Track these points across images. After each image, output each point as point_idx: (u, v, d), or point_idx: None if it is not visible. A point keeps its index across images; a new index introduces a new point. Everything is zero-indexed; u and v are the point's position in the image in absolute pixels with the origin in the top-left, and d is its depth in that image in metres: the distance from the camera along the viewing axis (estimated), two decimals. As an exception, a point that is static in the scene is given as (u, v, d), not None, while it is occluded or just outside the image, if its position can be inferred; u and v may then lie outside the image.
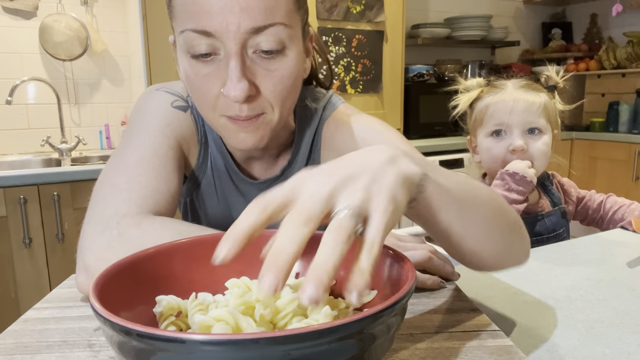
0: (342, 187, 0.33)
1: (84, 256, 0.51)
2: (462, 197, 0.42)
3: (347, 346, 0.29)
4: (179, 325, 0.39)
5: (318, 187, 0.33)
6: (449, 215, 0.42)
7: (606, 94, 3.00)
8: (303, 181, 0.34)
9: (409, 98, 2.58)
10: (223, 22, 0.51)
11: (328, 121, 0.72)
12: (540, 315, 0.59)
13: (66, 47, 2.23)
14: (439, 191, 0.40)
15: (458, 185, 0.42)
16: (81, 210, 1.71)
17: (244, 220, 0.32)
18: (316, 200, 0.32)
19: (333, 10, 2.25)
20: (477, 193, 0.45)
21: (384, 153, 0.37)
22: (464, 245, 0.45)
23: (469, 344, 0.42)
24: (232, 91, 0.53)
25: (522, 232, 0.51)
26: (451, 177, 0.42)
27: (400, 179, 0.36)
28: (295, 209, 0.32)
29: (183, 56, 0.56)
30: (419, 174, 0.38)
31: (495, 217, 0.46)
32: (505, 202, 0.50)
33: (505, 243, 0.48)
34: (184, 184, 0.74)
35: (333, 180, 0.33)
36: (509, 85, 1.07)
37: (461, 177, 0.45)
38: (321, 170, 0.35)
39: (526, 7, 3.40)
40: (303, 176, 0.35)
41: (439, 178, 0.40)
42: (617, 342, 0.53)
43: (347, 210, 0.32)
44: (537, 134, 1.04)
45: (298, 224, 0.31)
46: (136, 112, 0.67)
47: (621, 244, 0.89)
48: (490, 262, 0.49)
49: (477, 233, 0.45)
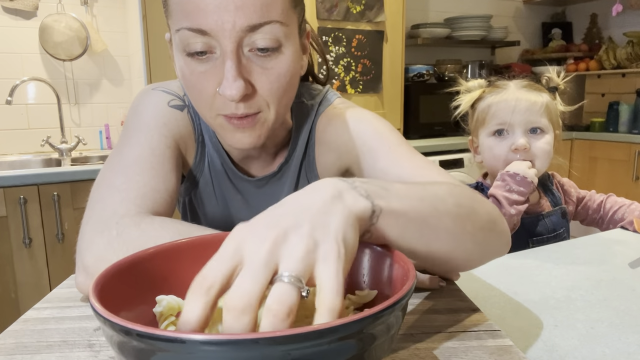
0: (282, 242, 0.31)
1: (83, 256, 0.51)
2: (421, 215, 0.41)
3: (347, 346, 0.28)
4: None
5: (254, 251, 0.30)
6: (409, 237, 0.40)
7: (606, 94, 3.00)
8: (242, 242, 0.31)
9: (409, 98, 2.58)
10: (218, 20, 0.51)
11: (321, 116, 0.72)
12: (541, 315, 0.59)
13: (66, 47, 2.23)
14: (394, 218, 0.38)
15: (416, 203, 0.40)
16: (81, 210, 1.70)
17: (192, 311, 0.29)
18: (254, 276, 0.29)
19: (333, 10, 2.25)
20: (437, 205, 0.43)
21: (327, 191, 0.35)
22: (433, 258, 0.45)
23: (469, 344, 0.42)
24: (227, 90, 0.53)
25: (497, 227, 0.50)
26: (408, 195, 0.41)
27: (348, 216, 0.34)
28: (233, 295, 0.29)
29: (179, 54, 0.56)
30: (368, 209, 0.36)
31: (462, 224, 0.45)
32: (475, 202, 0.48)
33: (477, 244, 0.48)
34: (182, 184, 0.74)
35: (271, 237, 0.31)
36: (511, 85, 1.07)
37: (420, 191, 0.43)
38: (258, 224, 0.32)
39: (526, 7, 3.40)
40: (240, 235, 0.32)
41: (392, 203, 0.38)
42: (617, 342, 0.53)
43: (287, 272, 0.29)
44: (539, 133, 1.04)
45: (237, 315, 0.28)
46: (133, 112, 0.67)
47: (621, 244, 0.89)
48: (464, 265, 0.50)
49: (444, 245, 0.44)
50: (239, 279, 0.30)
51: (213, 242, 0.45)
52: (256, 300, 0.29)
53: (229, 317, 0.28)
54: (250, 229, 0.32)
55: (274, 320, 0.28)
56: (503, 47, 3.22)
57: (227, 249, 0.32)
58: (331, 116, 0.71)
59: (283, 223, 0.32)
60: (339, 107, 0.72)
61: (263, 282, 0.29)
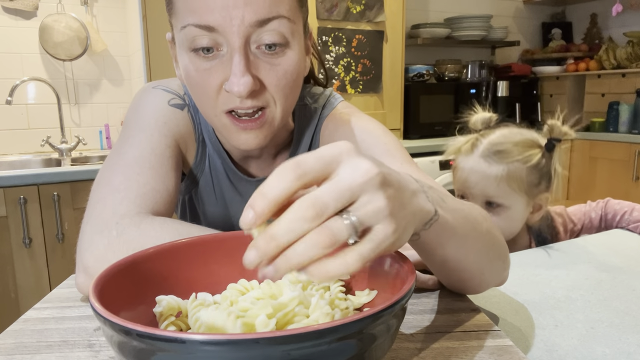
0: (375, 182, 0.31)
1: (83, 257, 0.51)
2: (463, 232, 0.42)
3: (347, 346, 0.29)
4: (179, 325, 0.39)
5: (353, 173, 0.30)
6: (447, 250, 0.42)
7: (606, 94, 3.00)
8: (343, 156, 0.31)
9: (409, 98, 2.58)
10: (227, 16, 0.51)
11: (326, 120, 0.72)
12: (541, 315, 0.59)
13: (66, 47, 2.23)
14: (444, 228, 0.40)
15: (462, 221, 0.42)
16: (81, 210, 1.71)
17: (273, 187, 0.30)
18: (340, 193, 0.30)
19: (333, 10, 2.25)
20: (476, 227, 0.45)
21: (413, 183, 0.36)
22: (454, 274, 0.47)
23: (469, 344, 0.42)
24: (235, 86, 0.53)
25: (507, 260, 0.53)
26: (457, 211, 0.42)
27: (416, 213, 0.35)
28: (313, 197, 0.29)
29: (183, 52, 0.56)
30: (431, 213, 0.37)
31: (487, 250, 0.47)
32: (497, 232, 0.50)
33: (491, 272, 0.50)
34: (182, 182, 0.74)
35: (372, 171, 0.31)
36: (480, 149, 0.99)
37: (466, 208, 0.45)
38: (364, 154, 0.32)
39: (526, 7, 3.40)
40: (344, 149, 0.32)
41: (446, 215, 0.40)
42: (617, 342, 0.53)
43: (356, 219, 0.30)
44: (496, 207, 0.96)
45: (304, 217, 0.29)
46: (133, 111, 0.67)
47: (621, 244, 0.89)
48: (472, 289, 0.52)
49: (469, 265, 0.46)
50: (324, 187, 0.30)
51: (213, 243, 0.45)
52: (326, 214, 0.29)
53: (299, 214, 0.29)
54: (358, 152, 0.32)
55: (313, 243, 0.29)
56: (503, 47, 3.22)
57: (330, 151, 0.31)
58: (338, 122, 0.70)
59: (384, 170, 0.32)
60: (345, 112, 0.71)
61: (340, 205, 0.30)
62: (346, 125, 0.69)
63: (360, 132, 0.68)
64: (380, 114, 2.45)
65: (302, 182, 0.30)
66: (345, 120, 0.70)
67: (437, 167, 2.33)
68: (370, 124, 0.69)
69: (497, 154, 0.96)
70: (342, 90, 2.35)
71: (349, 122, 0.69)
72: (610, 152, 2.73)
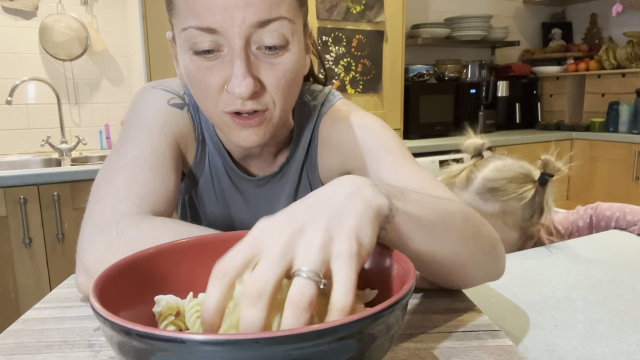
0: (298, 236, 0.32)
1: (83, 257, 0.51)
2: (431, 224, 0.43)
3: (347, 346, 0.28)
4: (179, 325, 0.39)
5: (272, 244, 0.32)
6: (418, 242, 0.42)
7: (606, 94, 3.00)
8: (261, 235, 0.33)
9: (409, 98, 2.58)
10: (227, 17, 0.51)
11: (325, 117, 0.72)
12: (540, 315, 0.59)
13: (66, 47, 2.23)
14: (408, 220, 0.40)
15: (429, 212, 0.42)
16: (81, 210, 1.71)
17: (212, 299, 0.31)
18: (274, 264, 0.31)
19: (333, 10, 2.25)
20: (448, 219, 0.45)
21: (346, 186, 0.37)
22: (432, 267, 0.47)
23: (469, 344, 0.42)
24: (237, 88, 0.53)
25: (497, 252, 0.52)
26: (422, 202, 0.42)
27: (365, 212, 0.35)
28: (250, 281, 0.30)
29: (184, 53, 0.56)
30: (386, 205, 0.37)
31: (466, 242, 0.47)
32: (481, 224, 0.50)
33: (476, 265, 0.50)
34: (182, 182, 0.74)
35: (288, 230, 0.32)
36: (475, 184, 1.00)
37: (433, 202, 0.45)
38: (278, 219, 0.34)
39: (526, 7, 3.40)
40: (261, 229, 0.34)
41: (408, 206, 0.40)
42: (617, 342, 0.53)
43: (305, 267, 0.31)
44: None
45: (252, 300, 0.30)
46: (133, 111, 0.67)
47: (621, 244, 0.89)
48: (460, 282, 0.51)
49: (447, 256, 0.46)
50: (257, 267, 0.31)
51: (212, 243, 0.45)
52: (272, 287, 0.30)
53: (245, 302, 0.30)
54: (270, 223, 0.34)
55: (296, 310, 0.29)
56: (503, 47, 3.22)
57: (247, 240, 0.33)
58: (336, 118, 0.71)
59: (301, 218, 0.34)
60: (343, 110, 0.72)
61: (279, 272, 0.31)
62: (343, 121, 0.69)
63: (359, 128, 0.68)
64: (380, 114, 2.45)
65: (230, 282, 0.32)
66: (343, 117, 0.70)
67: (437, 167, 2.33)
68: (368, 120, 0.69)
69: (491, 192, 0.98)
70: (342, 90, 2.35)
71: (347, 118, 0.69)
72: (610, 152, 2.73)
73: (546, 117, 3.28)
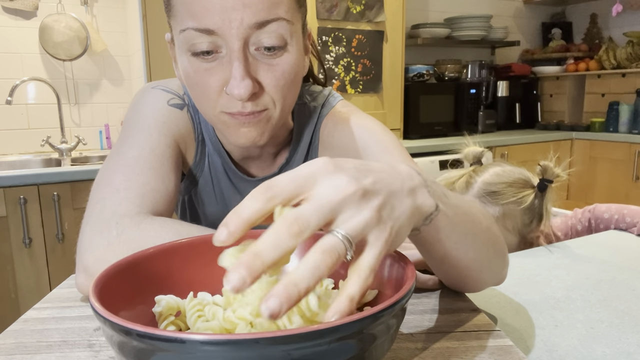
0: (355, 198, 0.31)
1: (83, 257, 0.51)
2: (464, 228, 0.43)
3: (347, 346, 0.28)
4: (179, 325, 0.39)
5: (330, 191, 0.31)
6: (447, 245, 0.42)
7: (606, 94, 3.00)
8: (318, 175, 0.32)
9: (409, 98, 2.58)
10: (226, 19, 0.51)
11: (326, 119, 0.72)
12: (540, 315, 0.59)
13: (66, 47, 2.23)
14: (444, 223, 0.40)
15: (462, 217, 0.43)
16: (81, 210, 1.71)
17: (247, 207, 0.30)
18: (320, 210, 0.30)
19: (333, 10, 2.25)
20: (476, 224, 0.45)
21: (410, 180, 0.36)
22: (453, 271, 0.47)
23: (469, 344, 0.42)
24: (235, 90, 0.53)
25: (505, 258, 0.53)
26: (459, 206, 0.42)
27: (414, 212, 0.35)
28: (295, 213, 0.30)
29: (182, 55, 0.56)
30: (432, 208, 0.37)
31: (487, 248, 0.47)
32: (497, 230, 0.50)
33: (490, 270, 0.50)
34: (182, 182, 0.74)
35: (350, 188, 0.31)
36: (475, 188, 1.00)
37: (466, 204, 0.45)
38: (342, 168, 0.33)
39: (526, 7, 3.40)
40: (320, 167, 0.32)
41: (447, 210, 0.40)
42: (617, 342, 0.53)
43: (345, 233, 0.30)
44: None
45: (289, 232, 0.29)
46: (132, 111, 0.67)
47: (621, 244, 0.89)
48: (473, 287, 0.51)
49: (468, 262, 0.46)
50: (304, 206, 0.30)
51: (212, 243, 0.45)
52: (310, 232, 0.30)
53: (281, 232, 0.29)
54: (335, 168, 0.32)
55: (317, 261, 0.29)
56: (503, 47, 3.22)
57: (305, 172, 0.32)
58: (337, 120, 0.71)
59: (365, 182, 0.32)
60: (344, 111, 0.72)
61: (322, 221, 0.30)
62: (345, 124, 0.69)
63: (359, 131, 0.68)
64: (380, 114, 2.45)
65: (275, 203, 0.31)
66: (344, 119, 0.70)
67: (437, 167, 2.33)
68: (369, 123, 0.69)
69: (491, 195, 0.99)
70: (342, 90, 2.35)
71: (348, 120, 0.69)
72: (610, 152, 2.73)
73: (546, 117, 3.28)
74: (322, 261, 0.29)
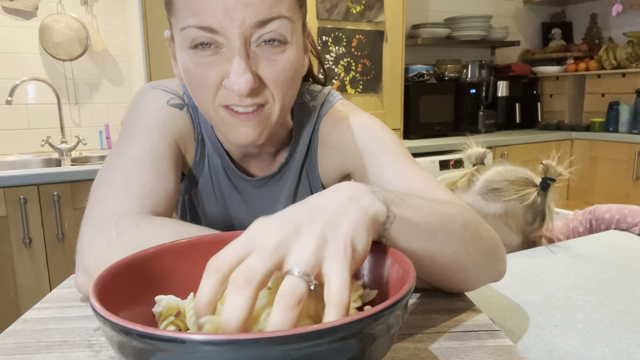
0: (293, 236, 0.33)
1: (82, 257, 0.51)
2: (430, 229, 0.43)
3: (347, 346, 0.28)
4: (179, 325, 0.39)
5: (267, 238, 0.32)
6: (416, 247, 0.42)
7: (606, 94, 3.00)
8: (256, 233, 0.33)
9: (409, 98, 2.58)
10: (228, 18, 0.51)
11: (325, 118, 0.72)
12: (540, 315, 0.59)
13: (66, 47, 2.23)
14: (406, 226, 0.40)
15: (427, 217, 0.43)
16: (81, 210, 1.70)
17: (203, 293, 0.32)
18: (262, 255, 0.31)
19: (333, 10, 2.25)
20: (447, 223, 0.45)
21: (345, 192, 0.37)
22: (434, 271, 0.47)
23: (469, 344, 0.42)
24: (235, 85, 0.53)
25: (497, 255, 0.52)
26: (421, 207, 0.43)
27: (362, 218, 0.35)
28: (239, 269, 0.31)
29: (183, 51, 0.56)
30: (383, 212, 0.38)
31: (465, 245, 0.47)
32: (481, 227, 0.50)
33: (476, 269, 0.50)
34: (182, 182, 0.74)
35: (284, 230, 0.33)
36: (477, 185, 1.01)
37: (433, 206, 0.45)
38: (274, 219, 0.34)
39: (526, 7, 3.40)
40: (255, 226, 0.34)
41: (406, 212, 0.40)
42: (617, 342, 0.53)
43: (297, 268, 0.31)
44: None
45: (238, 287, 0.30)
46: (132, 111, 0.67)
47: (621, 244, 0.89)
48: (461, 286, 0.51)
49: (446, 261, 0.46)
50: (248, 258, 0.32)
51: (212, 242, 0.45)
52: (260, 277, 0.31)
53: (231, 288, 0.30)
54: (266, 222, 0.34)
55: (285, 306, 0.29)
56: (503, 47, 3.22)
57: (242, 238, 0.34)
58: (336, 119, 0.71)
59: (297, 219, 0.34)
60: (343, 110, 0.72)
61: (269, 264, 0.31)
62: (344, 122, 0.69)
63: (358, 130, 0.68)
64: (380, 114, 2.45)
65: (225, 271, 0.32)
66: (344, 118, 0.70)
67: (437, 167, 2.33)
68: (368, 121, 0.69)
69: (494, 192, 0.99)
70: (342, 90, 2.35)
71: (347, 119, 0.69)
72: (610, 152, 2.73)
73: (546, 117, 3.28)
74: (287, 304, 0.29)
